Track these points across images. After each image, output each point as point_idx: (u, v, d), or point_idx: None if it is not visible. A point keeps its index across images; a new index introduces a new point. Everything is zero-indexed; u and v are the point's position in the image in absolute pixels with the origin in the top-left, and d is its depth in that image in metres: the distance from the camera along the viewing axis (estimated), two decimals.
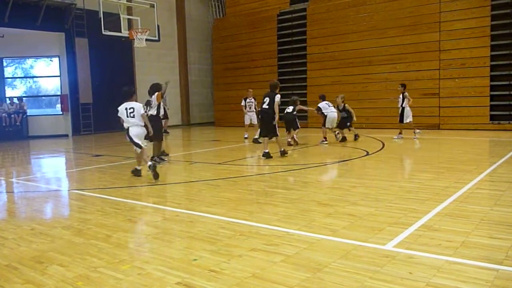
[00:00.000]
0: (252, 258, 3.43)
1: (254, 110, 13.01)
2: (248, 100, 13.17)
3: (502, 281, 2.89)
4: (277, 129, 9.02)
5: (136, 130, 7.29)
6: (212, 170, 8.23)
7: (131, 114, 7.26)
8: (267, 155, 8.94)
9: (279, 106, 8.89)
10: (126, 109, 7.27)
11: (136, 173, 7.50)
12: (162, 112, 9.00)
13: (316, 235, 3.95)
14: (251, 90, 13.49)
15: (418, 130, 12.30)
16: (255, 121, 12.86)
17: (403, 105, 11.90)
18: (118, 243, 3.93)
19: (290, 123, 11.02)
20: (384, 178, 6.66)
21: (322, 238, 3.88)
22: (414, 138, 12.05)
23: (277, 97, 8.86)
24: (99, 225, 4.55)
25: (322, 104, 11.71)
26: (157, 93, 8.68)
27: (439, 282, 2.87)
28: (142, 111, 7.39)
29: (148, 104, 8.73)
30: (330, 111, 11.59)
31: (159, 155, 8.98)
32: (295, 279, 2.99)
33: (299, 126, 11.42)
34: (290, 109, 10.93)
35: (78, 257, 3.58)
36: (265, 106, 8.99)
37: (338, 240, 3.81)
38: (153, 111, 8.71)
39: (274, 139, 9.30)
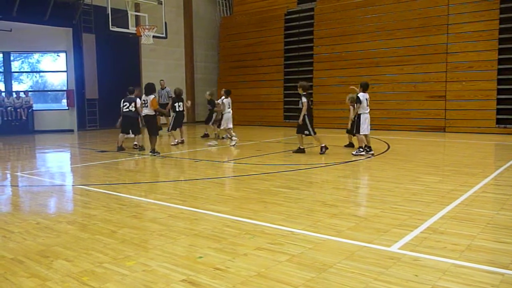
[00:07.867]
0: (257, 257, 3.43)
1: None
2: None
3: (508, 285, 2.87)
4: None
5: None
6: (217, 168, 8.23)
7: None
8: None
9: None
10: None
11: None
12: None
13: (321, 236, 3.94)
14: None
15: None
16: None
17: None
18: (123, 239, 3.94)
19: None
20: (389, 180, 6.64)
21: (327, 238, 3.87)
22: None
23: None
24: (104, 220, 4.56)
25: (227, 100, 11.74)
26: (153, 97, 9.58)
27: (444, 285, 2.86)
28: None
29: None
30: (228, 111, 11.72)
31: (152, 150, 9.70)
32: (300, 279, 2.99)
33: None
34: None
35: (83, 252, 3.59)
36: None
37: (343, 241, 3.80)
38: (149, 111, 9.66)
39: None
